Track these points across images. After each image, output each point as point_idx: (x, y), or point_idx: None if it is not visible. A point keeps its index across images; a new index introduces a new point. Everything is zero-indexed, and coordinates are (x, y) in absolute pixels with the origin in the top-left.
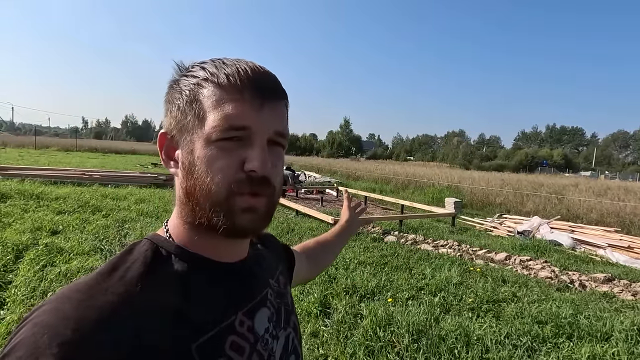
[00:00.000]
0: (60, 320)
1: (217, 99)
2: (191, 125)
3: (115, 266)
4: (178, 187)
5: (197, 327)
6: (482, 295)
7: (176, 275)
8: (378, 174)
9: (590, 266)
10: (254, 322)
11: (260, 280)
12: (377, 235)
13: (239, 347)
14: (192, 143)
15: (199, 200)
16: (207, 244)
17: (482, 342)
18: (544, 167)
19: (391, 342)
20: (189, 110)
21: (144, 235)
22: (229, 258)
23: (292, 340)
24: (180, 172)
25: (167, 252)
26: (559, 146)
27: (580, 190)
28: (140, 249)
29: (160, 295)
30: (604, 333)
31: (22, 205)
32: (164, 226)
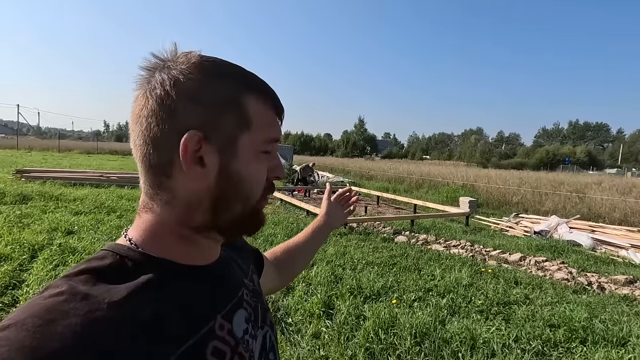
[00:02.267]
0: (13, 352)
1: (264, 111)
2: (236, 131)
3: (74, 285)
4: (190, 190)
5: (175, 338)
6: (492, 297)
7: (146, 285)
8: (392, 174)
9: (611, 267)
10: (232, 324)
11: (236, 281)
12: (387, 236)
13: (220, 352)
14: (237, 150)
15: (233, 205)
16: (187, 249)
17: (488, 346)
18: (566, 164)
19: (393, 344)
20: (230, 113)
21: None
22: (204, 261)
23: (269, 338)
24: (212, 179)
25: (134, 263)
26: (583, 143)
27: (603, 189)
28: (103, 262)
29: (131, 310)
30: (620, 338)
31: (41, 206)
32: (123, 236)
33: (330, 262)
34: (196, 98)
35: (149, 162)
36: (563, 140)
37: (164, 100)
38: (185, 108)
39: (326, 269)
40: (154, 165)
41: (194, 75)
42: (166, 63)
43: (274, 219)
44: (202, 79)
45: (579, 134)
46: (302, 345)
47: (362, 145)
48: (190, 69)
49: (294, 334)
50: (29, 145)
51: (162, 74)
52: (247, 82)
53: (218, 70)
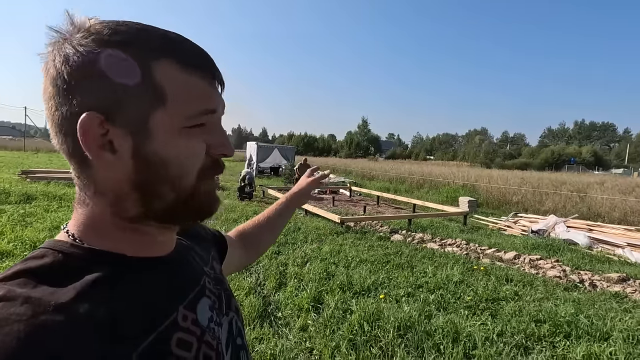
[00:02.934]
0: None
1: (183, 79)
2: (146, 109)
3: (11, 289)
4: (114, 179)
5: (135, 335)
6: (481, 293)
7: (96, 282)
8: (393, 174)
9: (606, 266)
10: (196, 314)
11: (195, 270)
12: (384, 234)
13: (186, 343)
14: (151, 130)
15: (160, 191)
16: (135, 241)
17: (470, 339)
18: (571, 165)
19: (376, 336)
20: (139, 91)
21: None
22: (159, 252)
23: (235, 323)
24: (127, 165)
25: (79, 259)
26: (589, 143)
27: (606, 188)
28: (43, 262)
29: (82, 311)
30: (603, 332)
31: (45, 205)
32: (63, 231)
33: (324, 259)
34: (93, 74)
35: (67, 150)
36: (569, 140)
37: (57, 81)
38: (81, 87)
39: (320, 266)
40: (69, 153)
41: (90, 47)
42: (63, 36)
43: None
44: (102, 50)
45: (585, 134)
46: (289, 338)
47: (366, 146)
48: (85, 39)
49: (283, 327)
50: (36, 147)
51: (55, 50)
52: (157, 46)
53: (119, 38)
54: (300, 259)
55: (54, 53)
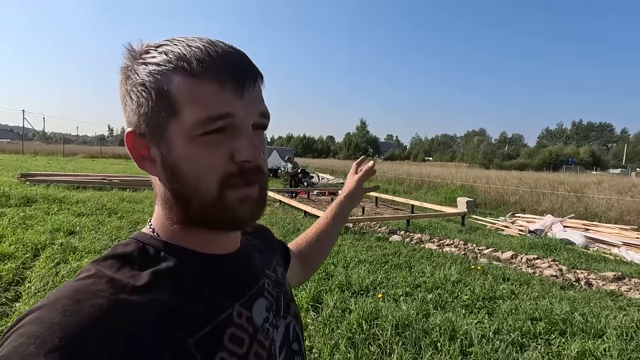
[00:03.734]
0: (46, 329)
1: (192, 89)
2: (164, 121)
3: (100, 269)
4: (161, 188)
5: (193, 323)
6: (478, 292)
7: (167, 272)
8: (391, 175)
9: (602, 265)
10: (252, 312)
11: (256, 271)
12: (382, 235)
13: (239, 339)
14: (169, 141)
15: (190, 200)
16: (198, 239)
17: (467, 337)
18: (569, 165)
19: (375, 335)
20: (158, 105)
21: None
22: (222, 250)
23: (293, 327)
24: (162, 173)
25: (156, 250)
26: (586, 143)
27: (603, 188)
28: (127, 249)
29: (153, 295)
30: (598, 330)
31: (45, 208)
32: (148, 225)
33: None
34: (130, 92)
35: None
36: (566, 140)
37: (121, 97)
38: (125, 104)
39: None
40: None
41: (131, 69)
42: (126, 62)
43: (271, 219)
44: (135, 70)
45: (583, 134)
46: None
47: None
48: (131, 61)
49: None
50: (34, 150)
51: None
52: (174, 59)
53: (147, 57)
54: None
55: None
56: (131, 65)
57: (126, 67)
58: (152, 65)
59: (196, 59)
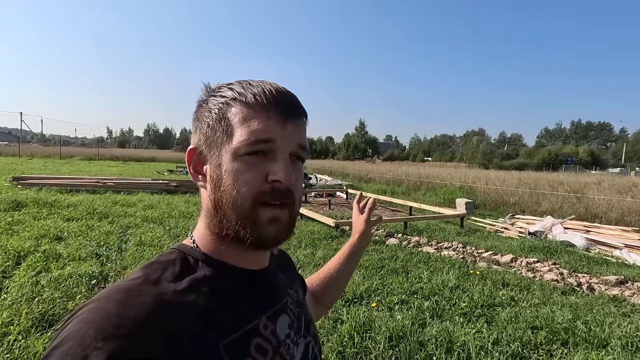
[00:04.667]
0: (103, 318)
1: (244, 116)
2: (219, 141)
3: (148, 272)
4: (206, 199)
5: (225, 328)
6: (477, 299)
7: (204, 280)
8: (390, 176)
9: (604, 268)
10: (276, 326)
11: (281, 288)
12: (379, 238)
13: (263, 349)
14: (219, 157)
15: (226, 212)
16: (232, 253)
17: (465, 349)
18: (568, 164)
19: (367, 348)
20: (217, 127)
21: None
22: (253, 266)
23: (312, 348)
24: (208, 185)
25: (195, 260)
26: (585, 142)
27: (603, 188)
28: (170, 257)
29: (190, 299)
30: (601, 339)
31: (34, 213)
32: (189, 237)
33: (317, 265)
34: (196, 119)
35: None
36: (565, 140)
37: (194, 123)
38: (197, 128)
39: (313, 272)
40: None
41: (205, 101)
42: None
43: None
44: (207, 101)
45: (582, 134)
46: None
47: (364, 148)
48: (206, 96)
49: None
50: (31, 152)
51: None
52: (239, 93)
53: (217, 91)
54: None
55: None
56: (206, 99)
57: (202, 100)
58: (220, 97)
59: (252, 93)
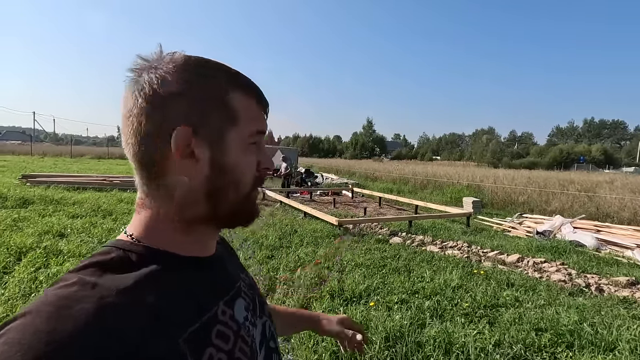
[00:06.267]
0: (31, 335)
1: (246, 105)
2: (224, 127)
3: (83, 275)
4: (190, 184)
5: (182, 322)
6: (480, 299)
7: (152, 275)
8: (396, 175)
9: (614, 269)
10: (234, 310)
11: (233, 273)
12: (383, 237)
13: (224, 335)
14: (227, 144)
15: (227, 195)
16: (186, 241)
17: (464, 351)
18: (581, 163)
19: None
20: (219, 110)
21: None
22: (204, 253)
23: (268, 327)
24: (204, 172)
25: (139, 255)
26: (598, 141)
27: (615, 187)
28: (108, 256)
29: (139, 297)
30: (609, 343)
31: (40, 210)
32: (123, 233)
33: (318, 263)
34: (184, 96)
35: (143, 159)
36: (578, 138)
37: (153, 99)
38: (175, 105)
39: (313, 270)
40: (148, 162)
41: (181, 74)
42: (152, 64)
43: (269, 220)
44: (189, 77)
45: (595, 132)
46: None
47: (371, 147)
48: (177, 68)
49: None
50: (43, 151)
51: (150, 74)
52: (232, 79)
53: (204, 69)
54: (293, 264)
55: (148, 76)
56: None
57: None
58: (214, 77)
59: (246, 82)
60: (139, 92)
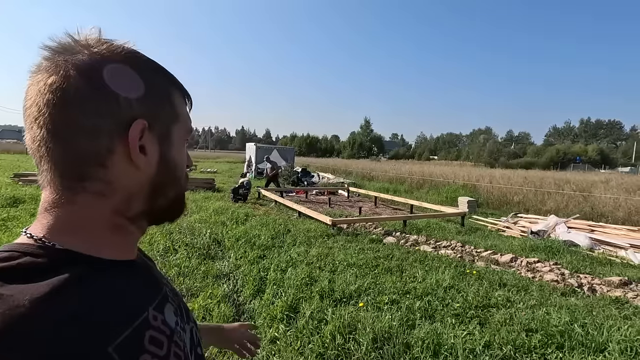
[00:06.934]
0: None
1: (184, 108)
2: (170, 123)
3: None
4: (134, 179)
5: (110, 329)
6: (471, 300)
7: (70, 281)
8: (393, 174)
9: (607, 268)
10: (164, 315)
11: (157, 277)
12: (377, 237)
13: (158, 341)
14: (172, 140)
15: (166, 190)
16: (111, 242)
17: (453, 352)
18: (577, 163)
19: (349, 350)
20: (167, 109)
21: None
22: (128, 255)
23: (195, 333)
24: (152, 165)
25: (52, 260)
26: (595, 141)
27: (610, 187)
28: (10, 263)
29: (56, 304)
30: (599, 343)
31: (31, 209)
32: (24, 235)
33: (310, 263)
34: (137, 88)
35: (77, 152)
36: (574, 138)
37: (101, 87)
38: (127, 97)
39: (304, 271)
40: (84, 155)
41: (133, 66)
42: (91, 48)
43: (263, 220)
44: (141, 71)
45: (591, 132)
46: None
47: (369, 146)
48: (127, 58)
49: None
50: None
51: (94, 59)
52: (171, 79)
53: (152, 65)
54: (285, 264)
55: (90, 61)
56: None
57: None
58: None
59: (182, 86)
60: (81, 77)
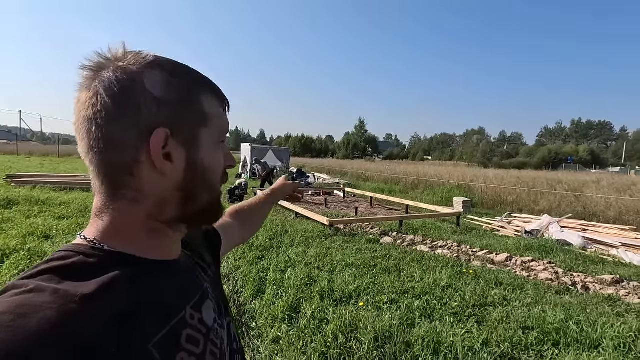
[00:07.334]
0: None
1: (216, 108)
2: (195, 126)
3: (38, 282)
4: (163, 185)
5: (151, 327)
6: (469, 299)
7: (116, 280)
8: (388, 174)
9: (600, 267)
10: (202, 314)
11: (199, 275)
12: (373, 237)
13: (195, 340)
14: (201, 145)
15: (199, 194)
16: (153, 245)
17: (452, 350)
18: (568, 163)
19: (351, 349)
20: (192, 112)
21: None
22: (170, 256)
23: (232, 328)
24: (180, 171)
25: (100, 260)
26: (586, 141)
27: (602, 187)
28: (66, 261)
29: (104, 302)
30: (594, 340)
31: (25, 211)
32: (80, 238)
33: (309, 264)
34: (157, 96)
35: (111, 163)
36: (566, 139)
37: (124, 100)
38: (148, 106)
39: (303, 271)
40: (116, 165)
41: (153, 74)
42: (116, 62)
43: None
44: (161, 78)
45: (582, 133)
46: (260, 351)
47: (363, 147)
48: (147, 67)
49: (255, 339)
50: (29, 151)
51: (117, 74)
52: (199, 81)
53: (174, 70)
54: (284, 264)
55: (115, 75)
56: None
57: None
58: (184, 78)
59: (215, 88)
60: (105, 92)
